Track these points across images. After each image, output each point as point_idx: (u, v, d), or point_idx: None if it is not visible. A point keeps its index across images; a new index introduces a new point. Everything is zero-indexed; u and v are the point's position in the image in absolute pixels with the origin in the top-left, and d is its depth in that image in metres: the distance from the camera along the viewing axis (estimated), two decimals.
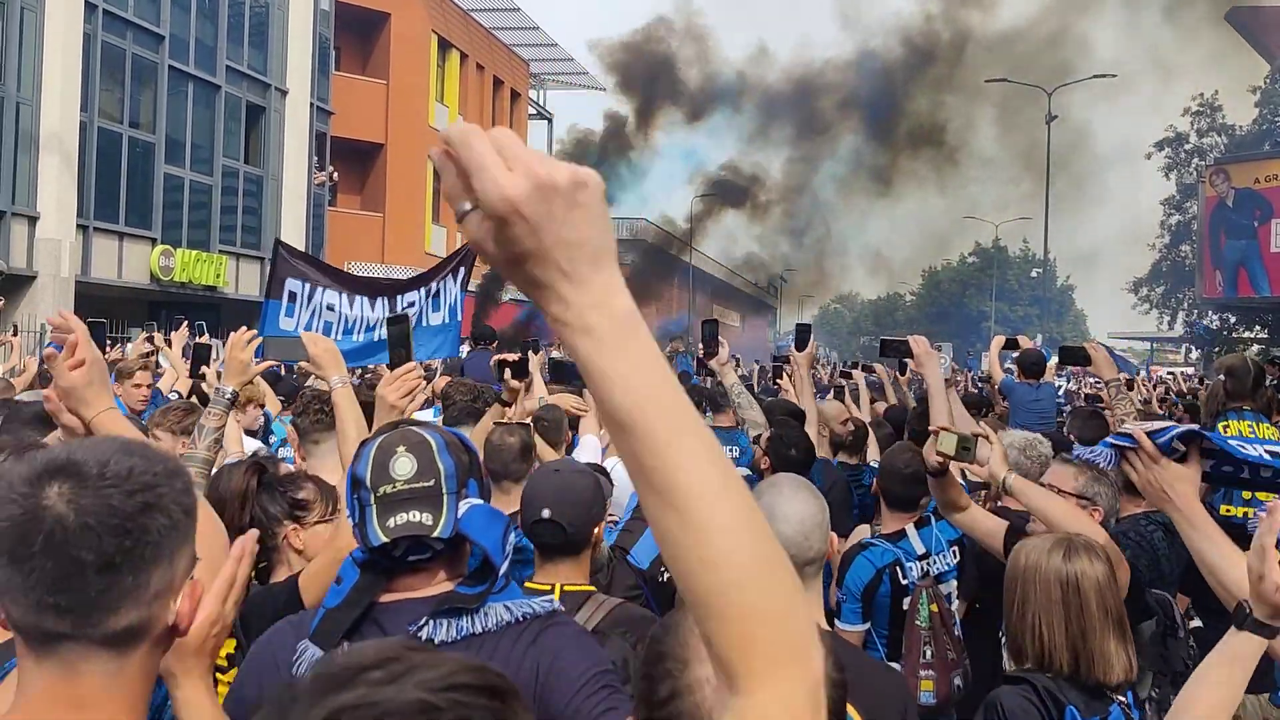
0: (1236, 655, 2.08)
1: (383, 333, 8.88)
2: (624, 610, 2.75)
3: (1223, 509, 5.15)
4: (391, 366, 3.02)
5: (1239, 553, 2.36)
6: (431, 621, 1.81)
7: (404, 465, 1.88)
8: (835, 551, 2.52)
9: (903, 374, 9.32)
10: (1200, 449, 2.39)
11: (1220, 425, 5.50)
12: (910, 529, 4.12)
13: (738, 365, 10.15)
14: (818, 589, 2.48)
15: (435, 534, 1.83)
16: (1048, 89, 39.65)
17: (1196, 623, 4.70)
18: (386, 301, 8.80)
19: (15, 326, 15.81)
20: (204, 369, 6.45)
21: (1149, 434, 2.38)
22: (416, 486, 1.87)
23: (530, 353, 6.04)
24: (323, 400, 3.83)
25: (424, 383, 3.13)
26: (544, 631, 1.85)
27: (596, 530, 2.81)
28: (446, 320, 9.00)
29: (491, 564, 1.84)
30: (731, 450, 5.54)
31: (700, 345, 6.28)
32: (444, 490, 1.87)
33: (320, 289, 8.34)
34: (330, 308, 8.30)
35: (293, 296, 8.18)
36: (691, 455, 0.92)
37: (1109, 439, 2.49)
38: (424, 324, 9.06)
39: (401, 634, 1.80)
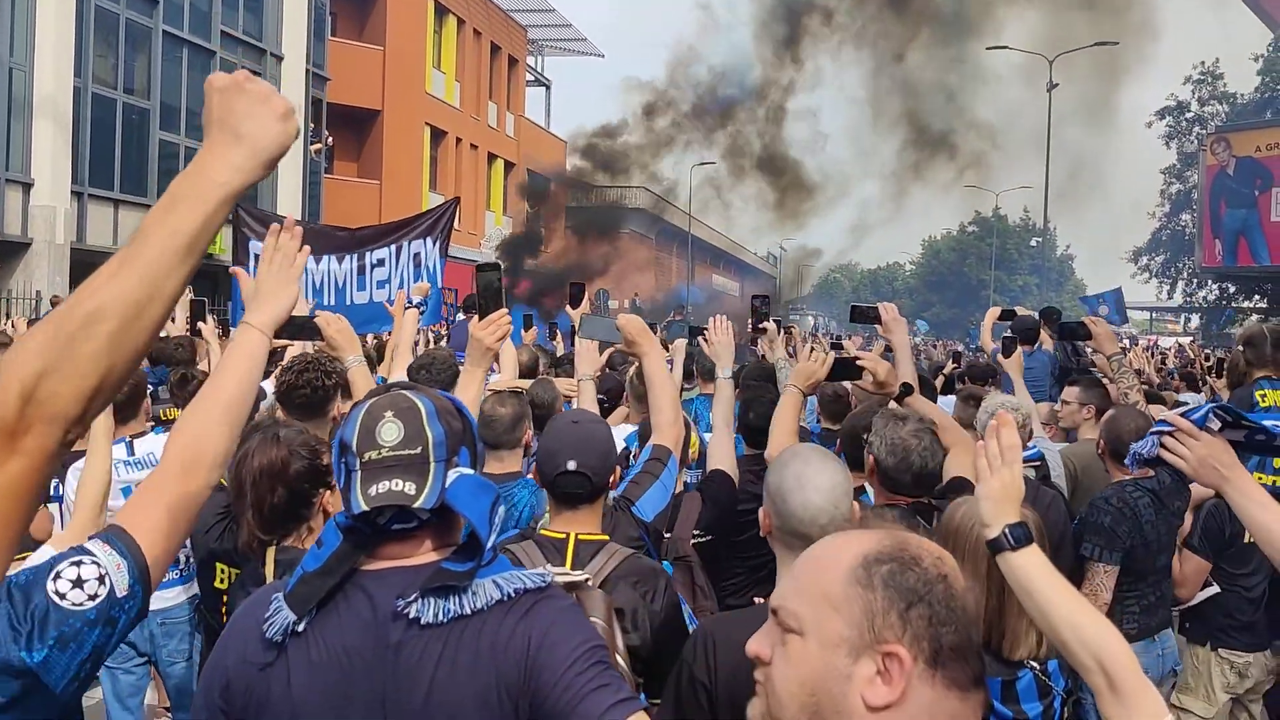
0: None
1: (358, 296, 8.76)
2: (636, 561, 2.77)
3: (1254, 476, 5.10)
4: (481, 315, 3.02)
5: None
6: (420, 600, 1.76)
7: (390, 431, 1.82)
8: (858, 518, 2.52)
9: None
10: (1230, 422, 2.39)
11: (1258, 395, 5.44)
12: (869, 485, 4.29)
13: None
14: None
15: (418, 504, 1.77)
16: (1049, 56, 39.38)
17: (1214, 589, 4.69)
18: (354, 258, 8.67)
19: (9, 293, 15.76)
20: (200, 324, 6.61)
21: (1183, 414, 2.41)
22: (402, 454, 1.80)
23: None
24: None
25: (512, 327, 3.14)
26: (536, 605, 1.80)
27: (612, 478, 2.84)
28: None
29: (479, 538, 1.79)
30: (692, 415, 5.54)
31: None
32: (431, 458, 1.81)
33: None
34: None
35: (258, 259, 8.13)
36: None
37: (1153, 429, 2.49)
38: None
39: (388, 605, 1.77)
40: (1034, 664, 2.54)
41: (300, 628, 1.78)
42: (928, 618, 1.29)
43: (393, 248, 8.84)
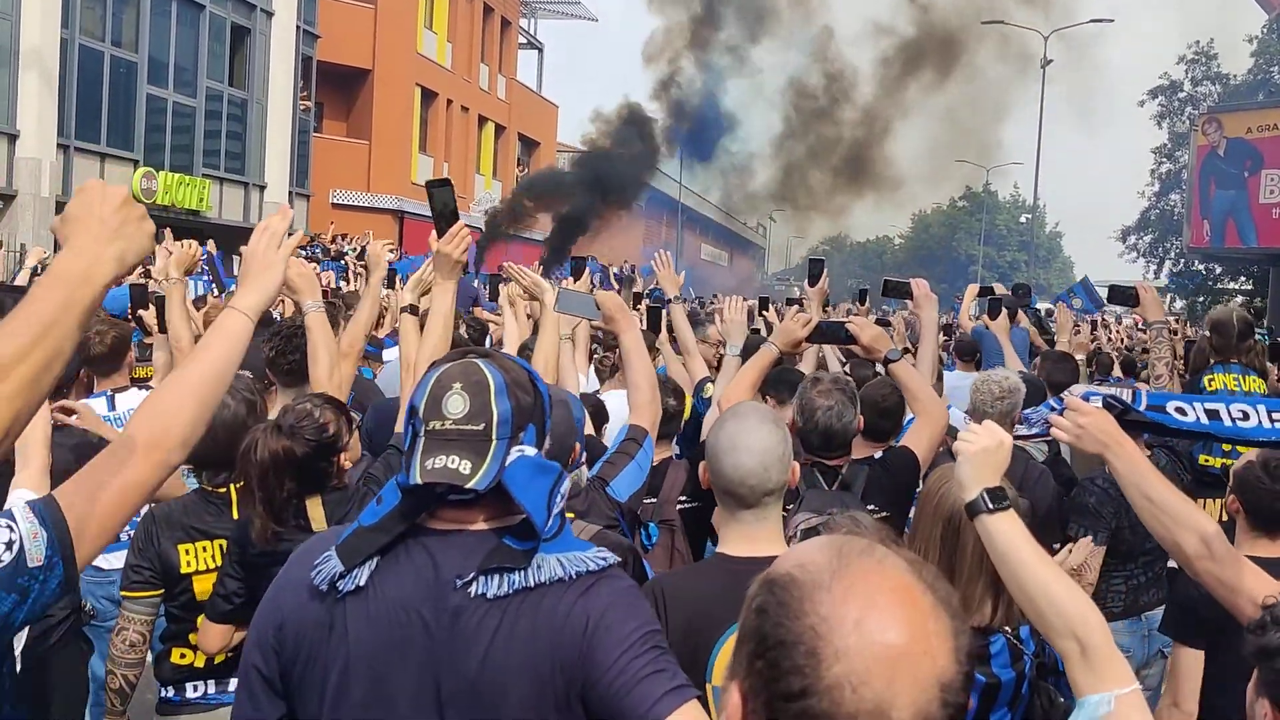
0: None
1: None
2: (603, 537, 2.78)
3: (1201, 459, 5.14)
4: (440, 233, 3.11)
5: (1174, 490, 2.40)
6: (482, 576, 1.76)
7: (456, 404, 1.81)
8: (796, 480, 2.58)
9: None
10: (1119, 413, 2.36)
11: (1205, 379, 5.43)
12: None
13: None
14: (777, 517, 2.52)
15: (470, 484, 1.77)
16: (1044, 32, 39.27)
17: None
18: None
19: None
20: (140, 311, 5.88)
21: (1087, 394, 2.39)
22: (465, 429, 1.80)
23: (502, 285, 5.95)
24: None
25: (472, 241, 3.25)
26: (595, 584, 1.80)
27: (573, 455, 2.82)
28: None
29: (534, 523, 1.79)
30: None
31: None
32: (493, 436, 1.80)
33: None
34: None
35: None
36: None
37: (1050, 403, 2.46)
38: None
39: (450, 568, 1.77)
40: (1006, 629, 2.57)
41: (363, 581, 1.78)
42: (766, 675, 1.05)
43: None
